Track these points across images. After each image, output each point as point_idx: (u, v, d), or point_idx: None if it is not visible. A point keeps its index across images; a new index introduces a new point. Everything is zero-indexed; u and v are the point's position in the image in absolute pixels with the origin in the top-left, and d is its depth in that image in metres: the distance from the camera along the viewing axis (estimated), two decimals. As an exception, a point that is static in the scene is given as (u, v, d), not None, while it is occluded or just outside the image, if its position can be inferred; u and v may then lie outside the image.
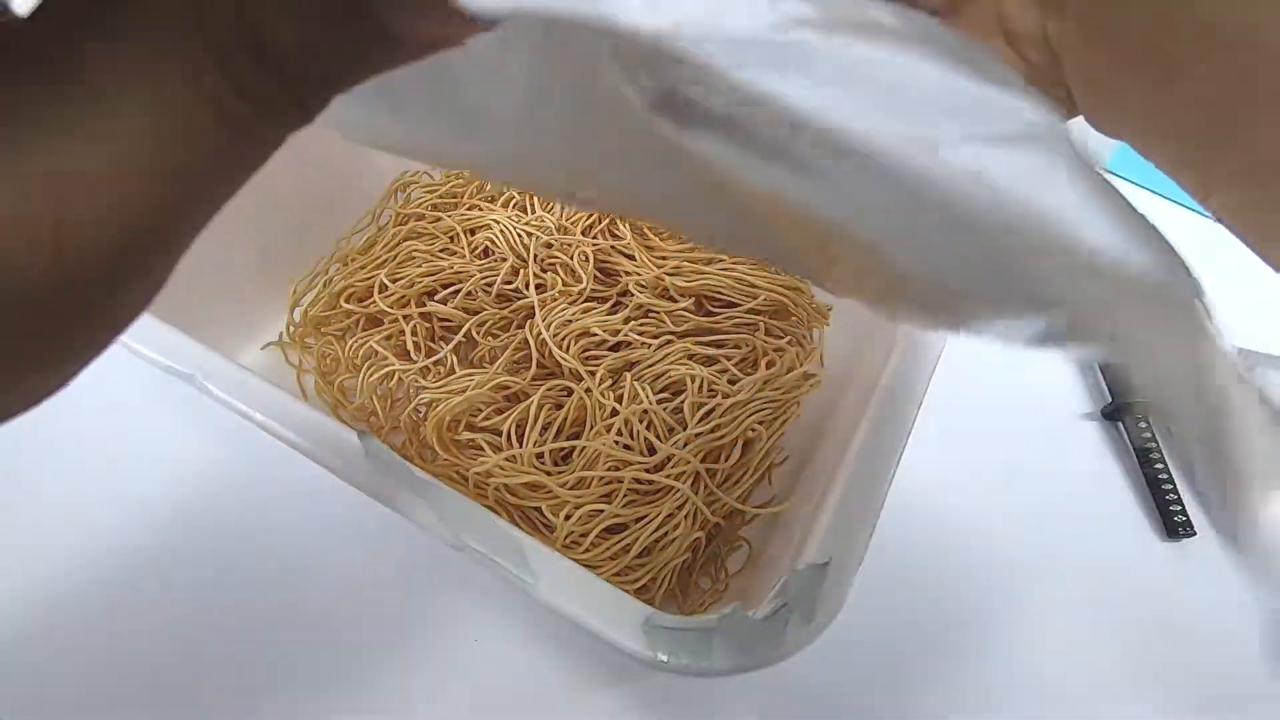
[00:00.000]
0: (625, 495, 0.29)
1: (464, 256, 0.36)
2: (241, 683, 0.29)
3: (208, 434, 0.34)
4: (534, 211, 0.40)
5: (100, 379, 0.37)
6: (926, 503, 0.34)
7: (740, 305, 0.36)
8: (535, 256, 0.36)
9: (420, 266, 0.35)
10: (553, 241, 0.37)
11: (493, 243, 0.37)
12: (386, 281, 0.34)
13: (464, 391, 0.31)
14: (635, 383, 0.32)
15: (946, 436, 0.36)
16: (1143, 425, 0.36)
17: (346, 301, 0.35)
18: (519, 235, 0.37)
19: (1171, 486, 0.34)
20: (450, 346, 0.33)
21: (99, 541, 0.32)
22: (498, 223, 0.38)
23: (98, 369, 0.10)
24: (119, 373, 0.36)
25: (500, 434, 0.31)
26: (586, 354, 0.33)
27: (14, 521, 0.33)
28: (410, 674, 0.29)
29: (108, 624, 0.30)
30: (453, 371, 0.33)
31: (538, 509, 0.29)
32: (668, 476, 0.29)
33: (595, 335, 0.33)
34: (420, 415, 0.32)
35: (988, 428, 0.37)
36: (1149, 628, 0.31)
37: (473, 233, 0.38)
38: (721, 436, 0.31)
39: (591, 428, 0.31)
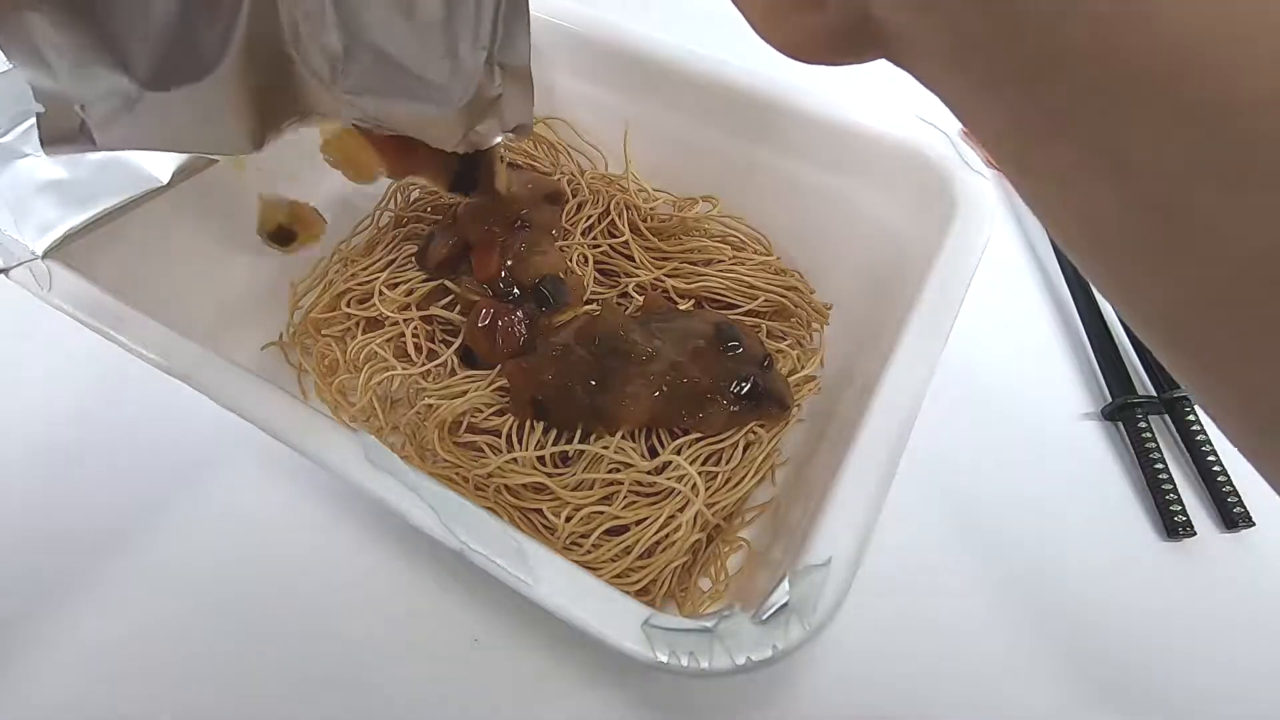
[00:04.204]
0: (626, 497, 0.29)
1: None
2: (235, 678, 0.29)
3: (204, 434, 0.35)
4: (534, 213, 0.40)
5: (102, 383, 0.37)
6: (926, 503, 0.34)
7: (740, 307, 0.36)
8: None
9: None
10: (552, 243, 0.37)
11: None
12: (385, 290, 0.34)
13: (465, 394, 0.31)
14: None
15: (946, 436, 0.36)
16: (1143, 425, 0.36)
17: (347, 305, 0.35)
18: (519, 237, 0.37)
19: (1171, 486, 0.34)
20: (452, 350, 0.33)
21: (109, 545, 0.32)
22: (498, 224, 0.38)
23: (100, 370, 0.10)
24: (119, 374, 0.36)
25: (500, 435, 0.31)
26: (586, 355, 0.33)
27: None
28: (409, 674, 0.29)
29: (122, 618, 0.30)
30: (454, 373, 0.33)
31: (539, 510, 0.29)
32: (669, 479, 0.29)
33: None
34: (421, 417, 0.32)
35: (987, 427, 0.37)
36: (1149, 627, 0.32)
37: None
38: (722, 440, 0.31)
39: (591, 431, 0.31)
